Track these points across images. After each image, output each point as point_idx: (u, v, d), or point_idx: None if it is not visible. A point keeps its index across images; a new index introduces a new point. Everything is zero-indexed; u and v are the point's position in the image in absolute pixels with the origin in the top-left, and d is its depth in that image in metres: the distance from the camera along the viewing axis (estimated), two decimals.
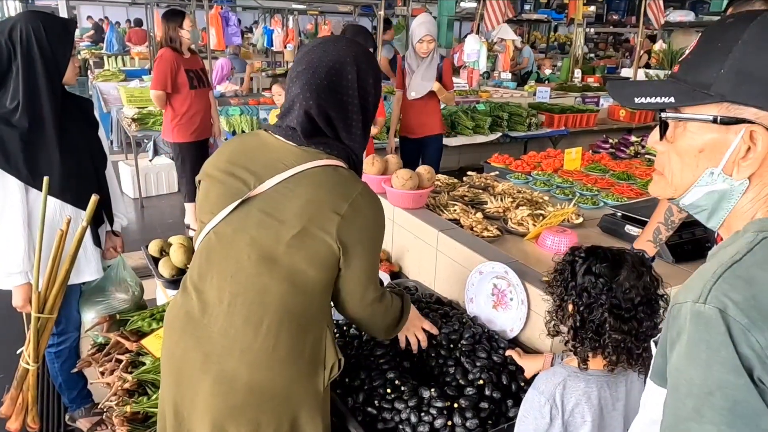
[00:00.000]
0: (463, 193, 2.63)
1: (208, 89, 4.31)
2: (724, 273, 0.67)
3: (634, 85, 0.82)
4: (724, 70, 0.71)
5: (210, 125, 4.38)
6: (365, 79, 1.25)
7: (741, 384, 0.62)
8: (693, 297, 0.67)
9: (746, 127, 0.70)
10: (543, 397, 1.20)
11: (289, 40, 8.03)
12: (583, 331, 1.18)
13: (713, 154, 0.74)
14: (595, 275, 1.18)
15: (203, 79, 4.24)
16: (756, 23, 0.70)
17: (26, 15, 1.90)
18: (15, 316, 3.32)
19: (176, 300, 1.36)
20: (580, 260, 1.21)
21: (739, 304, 0.63)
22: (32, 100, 1.89)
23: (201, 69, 4.25)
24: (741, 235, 0.72)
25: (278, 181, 1.19)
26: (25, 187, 1.93)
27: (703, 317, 0.65)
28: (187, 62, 4.08)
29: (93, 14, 18.57)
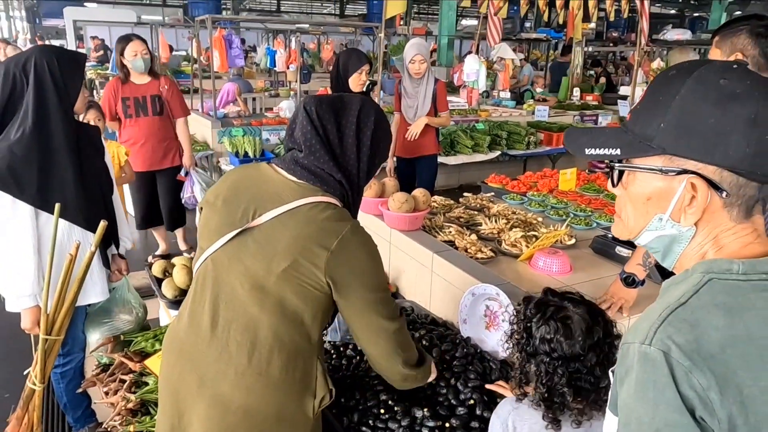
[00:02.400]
0: (458, 214, 2.70)
1: (159, 117, 3.96)
2: (669, 316, 0.72)
3: (588, 134, 0.85)
4: (663, 124, 0.76)
5: (169, 155, 4.11)
6: (366, 115, 1.34)
7: (685, 423, 0.67)
8: (640, 338, 0.72)
9: (687, 177, 0.75)
10: (498, 421, 1.27)
11: (291, 60, 8.17)
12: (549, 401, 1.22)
13: (660, 201, 0.79)
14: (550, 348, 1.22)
15: (153, 106, 3.92)
16: (692, 78, 0.75)
17: (39, 49, 2.00)
18: (21, 336, 3.39)
19: (173, 324, 1.42)
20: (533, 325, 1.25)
21: (682, 347, 0.69)
22: (45, 128, 1.98)
23: (154, 96, 3.92)
24: (689, 275, 0.77)
25: (275, 215, 1.25)
26: (36, 212, 2.00)
27: (649, 359, 0.70)
28: (132, 89, 3.87)
29: (99, 34, 18.86)
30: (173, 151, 4.15)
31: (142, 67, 3.81)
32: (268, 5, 30.95)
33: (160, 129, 4.00)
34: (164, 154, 4.09)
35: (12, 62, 1.97)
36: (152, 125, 3.96)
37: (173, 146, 4.15)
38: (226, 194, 1.35)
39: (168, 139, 4.09)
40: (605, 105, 8.55)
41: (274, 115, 6.30)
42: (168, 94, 3.98)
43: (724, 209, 0.76)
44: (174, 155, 4.16)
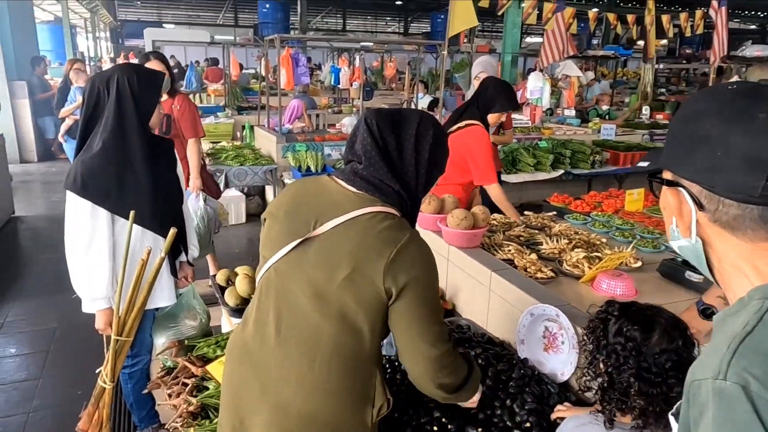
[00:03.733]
0: (518, 233, 2.65)
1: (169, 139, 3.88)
2: (739, 347, 0.66)
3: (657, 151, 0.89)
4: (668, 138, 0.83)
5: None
6: (425, 128, 1.36)
7: None
8: (712, 373, 0.67)
9: (671, 189, 0.82)
10: None
11: (355, 78, 8.33)
12: (611, 391, 1.19)
13: (669, 212, 0.84)
14: (625, 337, 1.18)
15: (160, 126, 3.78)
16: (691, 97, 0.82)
17: (122, 67, 2.14)
18: (94, 337, 3.58)
19: (237, 331, 1.47)
20: (612, 318, 1.23)
21: (761, 379, 0.63)
22: (123, 140, 2.10)
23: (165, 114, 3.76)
24: (747, 303, 0.72)
25: (335, 225, 1.28)
26: (113, 218, 2.12)
27: (726, 395, 0.64)
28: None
29: (175, 54, 19.94)
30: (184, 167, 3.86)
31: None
32: (334, 25, 31.79)
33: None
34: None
35: (97, 78, 2.11)
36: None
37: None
38: (288, 205, 1.39)
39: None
40: None
41: (336, 131, 6.44)
42: (179, 113, 3.80)
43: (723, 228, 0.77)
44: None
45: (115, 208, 2.11)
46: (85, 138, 2.13)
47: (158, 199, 2.21)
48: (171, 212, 2.30)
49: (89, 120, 2.12)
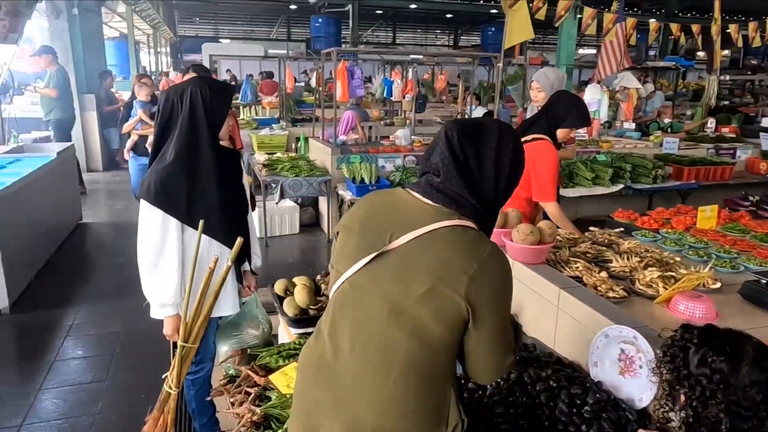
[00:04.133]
0: (585, 249, 2.56)
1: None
2: None
3: None
4: None
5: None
6: (506, 142, 1.32)
7: None
8: None
9: None
10: None
11: (407, 90, 8.36)
12: (697, 426, 1.10)
13: None
14: (711, 369, 1.09)
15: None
16: None
17: (196, 79, 2.20)
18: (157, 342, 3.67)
19: (310, 343, 1.46)
20: (693, 347, 1.14)
21: None
22: (195, 151, 2.15)
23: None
24: None
25: (412, 238, 1.26)
26: (182, 227, 2.17)
27: None
28: None
29: (231, 68, 20.60)
30: None
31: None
32: (384, 38, 32.11)
33: None
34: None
35: (172, 90, 2.18)
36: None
37: None
38: (363, 218, 1.38)
39: None
40: (744, 138, 7.81)
41: (389, 143, 6.45)
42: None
43: None
44: None
45: (185, 217, 2.16)
46: (159, 148, 2.19)
47: (225, 209, 2.25)
48: (237, 222, 2.34)
49: (163, 130, 2.18)
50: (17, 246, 4.15)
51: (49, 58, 7.12)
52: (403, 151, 5.91)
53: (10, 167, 4.76)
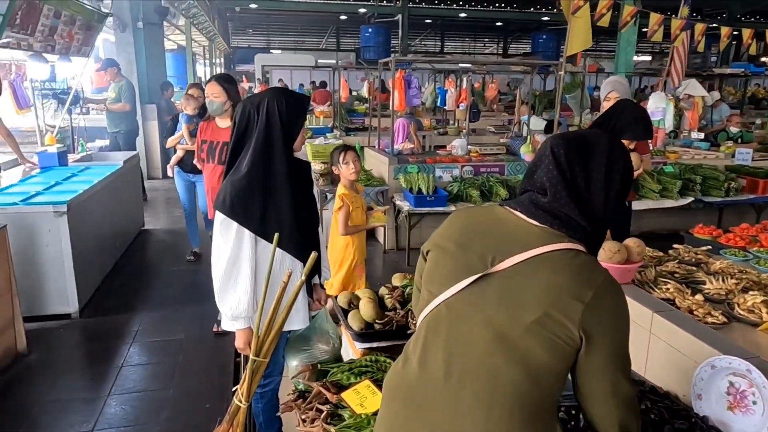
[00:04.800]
0: (672, 268, 2.40)
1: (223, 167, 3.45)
2: None
3: None
4: None
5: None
6: (617, 157, 1.22)
7: None
8: None
9: None
10: None
11: (461, 99, 8.26)
12: None
13: None
14: None
15: (220, 154, 3.66)
16: None
17: (273, 91, 2.18)
18: (221, 352, 3.69)
19: (397, 368, 1.38)
20: None
21: None
22: (270, 163, 2.13)
23: (226, 143, 3.58)
24: None
25: (518, 261, 1.18)
26: (256, 240, 2.15)
27: None
28: (213, 132, 3.74)
29: (283, 77, 20.98)
30: None
31: (212, 110, 3.66)
32: (432, 47, 32.10)
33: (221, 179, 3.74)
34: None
35: (249, 101, 2.17)
36: (215, 174, 3.70)
37: None
38: (459, 237, 1.30)
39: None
40: None
41: (446, 152, 6.36)
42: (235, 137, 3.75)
43: None
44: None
45: (259, 230, 2.13)
46: (235, 159, 2.18)
47: (298, 221, 2.22)
48: (309, 235, 2.30)
49: (239, 141, 2.17)
50: (87, 252, 4.27)
51: (114, 71, 7.32)
52: (460, 162, 5.81)
53: (81, 175, 4.92)
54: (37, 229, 3.83)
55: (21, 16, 4.05)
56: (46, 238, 3.86)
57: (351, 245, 3.67)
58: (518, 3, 22.49)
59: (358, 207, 3.66)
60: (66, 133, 7.20)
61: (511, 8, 23.09)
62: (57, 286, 3.95)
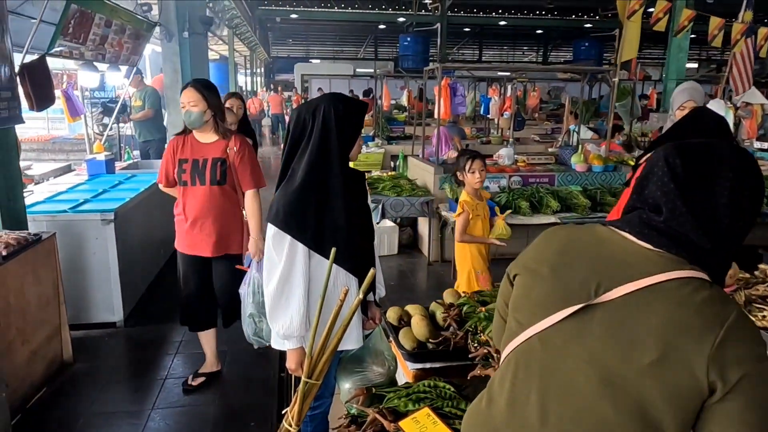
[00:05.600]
0: (764, 292, 2.17)
1: (220, 188, 3.06)
2: None
3: None
4: None
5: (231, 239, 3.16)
6: (745, 168, 1.04)
7: None
8: None
9: None
10: None
11: (505, 108, 8.06)
12: None
13: None
14: None
15: (213, 173, 3.04)
16: None
17: (329, 96, 2.07)
18: (261, 365, 3.58)
19: (479, 409, 1.22)
20: None
21: None
22: (325, 172, 2.01)
23: (217, 159, 3.04)
24: None
25: (630, 291, 1.01)
26: (309, 254, 2.03)
27: None
28: (194, 149, 3.08)
29: (322, 86, 21.12)
30: (236, 233, 3.19)
31: (190, 121, 3.02)
32: (470, 56, 31.90)
33: (219, 203, 3.08)
34: (223, 237, 3.13)
35: (304, 107, 2.06)
36: (210, 198, 3.07)
37: (236, 227, 3.19)
38: (554, 260, 1.14)
39: (230, 218, 3.14)
40: None
41: (491, 162, 6.17)
42: (237, 157, 3.06)
43: None
44: (236, 240, 3.20)
45: (312, 243, 2.01)
46: (288, 168, 2.07)
47: (354, 235, 2.10)
48: (364, 249, 2.18)
49: (292, 149, 2.06)
50: (132, 260, 4.26)
51: (138, 79, 7.27)
52: (508, 171, 5.61)
53: (128, 183, 4.95)
54: (84, 236, 3.83)
55: (73, 26, 4.09)
56: (93, 246, 3.85)
57: (468, 253, 3.58)
58: (559, 10, 22.14)
59: (479, 215, 3.56)
60: (113, 141, 7.31)
61: (552, 16, 22.74)
62: (103, 294, 3.94)
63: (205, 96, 3.02)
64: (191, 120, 3.01)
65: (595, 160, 5.76)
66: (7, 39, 3.19)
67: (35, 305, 3.13)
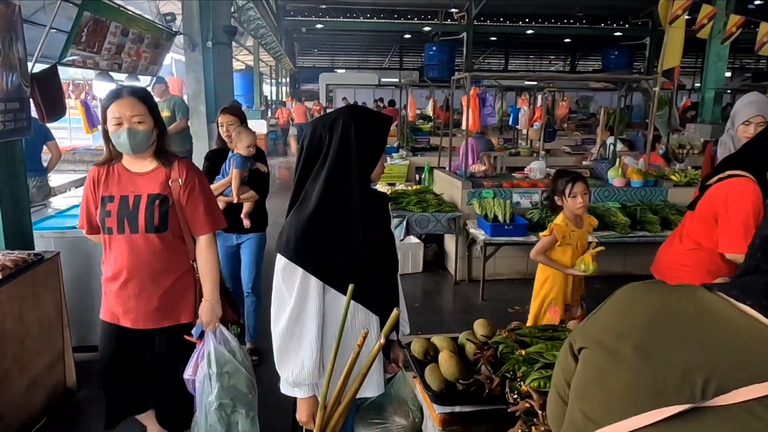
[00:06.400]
0: None
1: (159, 236, 2.24)
2: None
3: None
4: None
5: (178, 305, 2.33)
6: None
7: None
8: None
9: None
10: None
11: (535, 118, 7.74)
12: None
13: None
14: None
15: (148, 215, 2.22)
16: None
17: (348, 108, 1.82)
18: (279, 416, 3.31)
19: None
20: None
21: None
22: (341, 195, 1.76)
23: (155, 197, 2.23)
24: None
25: (758, 396, 0.71)
26: (324, 288, 1.77)
27: None
28: (123, 182, 2.26)
29: (347, 95, 21.03)
30: (185, 296, 2.34)
31: (135, 144, 2.18)
32: (496, 65, 31.56)
33: (160, 257, 2.26)
34: (167, 303, 2.30)
35: (320, 120, 1.81)
36: (146, 249, 2.24)
37: (185, 287, 2.34)
38: (641, 337, 0.82)
39: (175, 275, 2.31)
40: None
41: (522, 176, 5.86)
42: (183, 192, 2.26)
43: None
44: (185, 305, 2.35)
45: (327, 277, 1.75)
46: (300, 189, 1.82)
47: (375, 267, 1.83)
48: (387, 282, 1.91)
49: (305, 168, 1.80)
50: None
51: (162, 88, 7.08)
52: (540, 186, 5.29)
53: None
54: (93, 255, 3.63)
55: (87, 34, 3.94)
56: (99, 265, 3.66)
57: (549, 280, 3.17)
58: (588, 18, 21.73)
59: (570, 244, 3.10)
60: None
61: (580, 24, 22.32)
62: None
63: (151, 109, 2.25)
64: (137, 142, 2.18)
65: (634, 174, 5.41)
66: (16, 48, 3.03)
67: (35, 330, 2.93)
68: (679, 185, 5.43)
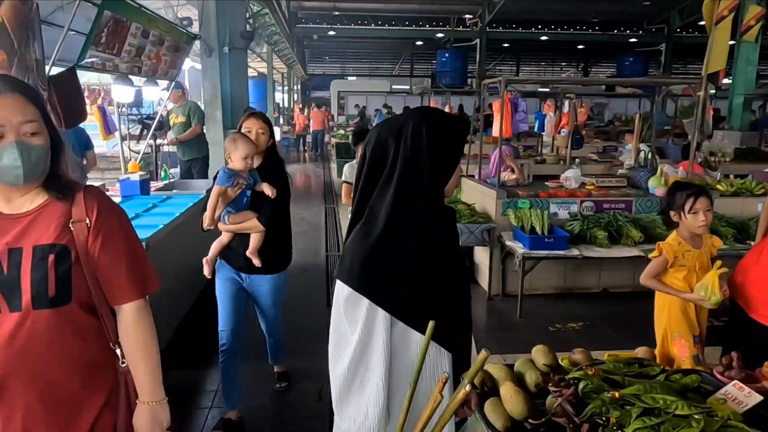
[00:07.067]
0: None
1: (55, 312, 1.41)
2: None
3: None
4: None
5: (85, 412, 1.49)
6: None
7: None
8: None
9: None
10: None
11: (562, 125, 7.47)
12: None
13: None
14: None
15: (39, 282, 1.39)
16: None
17: (419, 111, 1.56)
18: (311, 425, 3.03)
19: None
20: None
21: None
22: (412, 214, 1.50)
23: (47, 248, 1.40)
24: None
25: None
26: (392, 322, 1.51)
27: None
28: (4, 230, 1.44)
29: (358, 102, 20.86)
30: (102, 408, 1.53)
31: (15, 171, 1.36)
32: (508, 71, 31.31)
33: (61, 346, 1.44)
34: (70, 419, 1.48)
35: (386, 125, 1.56)
36: (35, 336, 1.39)
37: (102, 390, 1.54)
38: None
39: (86, 372, 1.51)
40: None
41: (556, 185, 5.58)
42: (93, 239, 1.47)
43: None
44: (103, 420, 1.53)
45: (398, 309, 1.49)
46: (363, 207, 1.56)
47: (447, 297, 1.57)
48: (461, 314, 1.65)
49: (368, 181, 1.55)
50: (165, 292, 3.81)
51: (178, 94, 6.93)
52: (579, 196, 5.02)
53: (162, 206, 4.55)
54: None
55: (107, 35, 3.72)
56: None
57: (666, 308, 2.80)
58: (602, 24, 21.44)
59: (688, 266, 2.74)
60: (149, 159, 7.00)
61: (594, 30, 22.05)
62: None
63: (45, 114, 1.46)
64: (32, 164, 1.39)
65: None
66: (32, 49, 2.81)
67: None
68: (725, 195, 5.13)
